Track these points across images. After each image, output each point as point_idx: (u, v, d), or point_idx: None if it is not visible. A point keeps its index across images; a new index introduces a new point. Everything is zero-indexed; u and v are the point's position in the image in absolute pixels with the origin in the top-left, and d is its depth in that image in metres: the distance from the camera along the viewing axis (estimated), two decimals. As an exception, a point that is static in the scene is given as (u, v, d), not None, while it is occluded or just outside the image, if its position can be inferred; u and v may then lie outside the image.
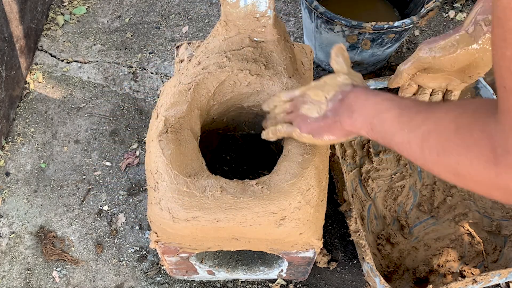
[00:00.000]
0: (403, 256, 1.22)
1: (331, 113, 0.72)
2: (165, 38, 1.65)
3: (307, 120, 0.76)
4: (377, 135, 0.65)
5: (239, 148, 1.21)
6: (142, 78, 1.57)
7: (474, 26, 0.81)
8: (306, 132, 0.76)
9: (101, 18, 1.70)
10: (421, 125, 0.55)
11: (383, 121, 0.62)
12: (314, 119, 0.75)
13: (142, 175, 1.38)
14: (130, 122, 1.48)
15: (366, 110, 0.66)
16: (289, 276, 1.16)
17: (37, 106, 1.50)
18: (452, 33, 0.84)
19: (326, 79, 0.77)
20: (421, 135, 0.55)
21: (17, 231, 1.29)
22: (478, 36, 0.81)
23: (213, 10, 1.72)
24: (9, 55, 1.41)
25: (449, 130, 0.51)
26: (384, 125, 0.62)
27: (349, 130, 0.70)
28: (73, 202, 1.34)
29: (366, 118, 0.66)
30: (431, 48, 0.85)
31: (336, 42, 1.41)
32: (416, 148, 0.56)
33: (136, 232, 1.30)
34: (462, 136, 0.49)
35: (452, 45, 0.83)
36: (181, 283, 1.23)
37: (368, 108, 0.66)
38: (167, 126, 0.87)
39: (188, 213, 0.82)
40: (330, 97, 0.73)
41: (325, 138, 0.74)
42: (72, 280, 1.23)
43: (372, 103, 0.66)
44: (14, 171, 1.38)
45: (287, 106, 0.84)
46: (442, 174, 0.54)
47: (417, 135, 0.56)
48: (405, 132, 0.58)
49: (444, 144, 0.51)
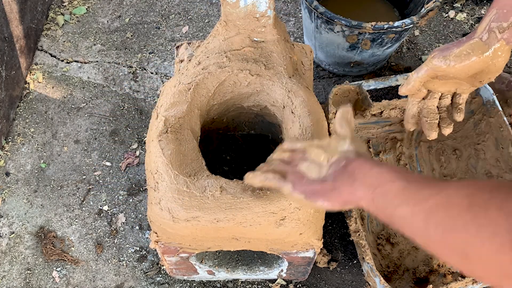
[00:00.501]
0: (403, 256, 1.22)
1: (331, 178, 0.67)
2: (165, 38, 1.65)
3: (303, 179, 0.70)
4: (377, 207, 0.59)
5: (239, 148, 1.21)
6: (142, 78, 1.57)
7: (488, 34, 0.81)
8: (299, 192, 0.70)
9: (101, 18, 1.70)
10: (428, 198, 0.50)
11: (387, 192, 0.57)
12: (311, 180, 0.70)
13: (142, 175, 1.38)
14: (130, 122, 1.48)
15: (369, 179, 0.61)
16: (289, 276, 1.16)
17: (37, 106, 1.50)
18: (465, 41, 0.83)
19: (331, 141, 0.72)
20: (428, 209, 0.49)
21: (17, 231, 1.29)
22: (492, 43, 0.81)
23: (213, 10, 1.72)
24: (9, 55, 1.41)
25: (461, 205, 0.45)
26: (387, 197, 0.57)
27: (347, 200, 0.65)
28: (73, 202, 1.34)
29: (368, 188, 0.60)
30: (445, 57, 0.84)
31: (336, 42, 1.41)
32: (420, 223, 0.50)
33: (136, 232, 1.30)
34: (475, 214, 0.43)
35: (467, 53, 0.82)
36: (181, 283, 1.23)
37: (371, 177, 0.61)
38: (167, 126, 0.87)
39: (188, 213, 0.82)
40: (333, 161, 0.69)
41: (319, 203, 0.68)
42: (72, 280, 1.23)
43: (376, 172, 0.61)
44: (14, 171, 1.38)
45: (285, 156, 0.78)
46: (446, 255, 0.48)
47: (423, 208, 0.50)
48: (409, 205, 0.53)
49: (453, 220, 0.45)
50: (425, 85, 0.93)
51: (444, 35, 1.66)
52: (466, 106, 1.28)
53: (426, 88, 0.94)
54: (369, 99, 1.29)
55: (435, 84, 0.92)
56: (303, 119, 0.89)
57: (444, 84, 0.92)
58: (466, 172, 1.29)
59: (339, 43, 1.40)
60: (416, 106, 0.97)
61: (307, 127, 0.88)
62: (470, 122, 1.29)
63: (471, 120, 1.29)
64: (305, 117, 0.89)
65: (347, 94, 1.32)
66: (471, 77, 0.87)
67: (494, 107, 1.22)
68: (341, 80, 1.57)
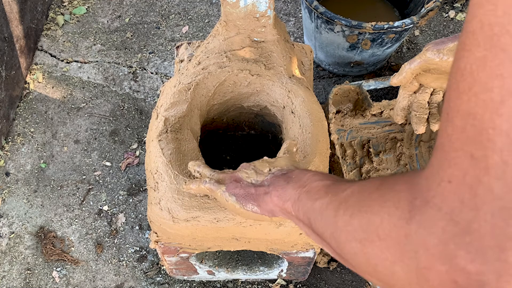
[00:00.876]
0: (403, 256, 1.21)
1: (267, 183, 0.65)
2: (165, 38, 1.65)
3: (239, 183, 0.68)
4: (299, 206, 0.55)
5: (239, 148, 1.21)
6: (142, 78, 1.57)
7: None
8: (231, 193, 0.67)
9: (101, 18, 1.70)
10: (345, 189, 0.47)
11: (311, 189, 0.54)
12: (246, 184, 0.67)
13: (142, 175, 1.38)
14: (130, 122, 1.48)
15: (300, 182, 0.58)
16: (289, 276, 1.16)
17: (37, 106, 1.50)
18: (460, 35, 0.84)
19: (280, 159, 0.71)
20: (342, 197, 0.46)
21: (17, 231, 1.29)
22: None
23: (213, 10, 1.72)
24: (9, 55, 1.41)
25: (371, 188, 0.42)
26: (310, 193, 0.54)
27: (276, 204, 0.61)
28: (73, 202, 1.34)
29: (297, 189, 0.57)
30: (439, 50, 0.85)
31: (336, 42, 1.41)
32: (331, 212, 0.46)
33: (136, 232, 1.30)
34: (382, 191, 0.39)
35: None
36: (181, 283, 1.23)
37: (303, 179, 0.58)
38: (167, 126, 0.87)
39: (188, 213, 0.82)
40: (274, 170, 0.67)
41: (249, 207, 0.65)
42: (72, 280, 1.23)
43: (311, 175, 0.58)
44: (14, 171, 1.38)
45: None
46: (347, 245, 0.43)
47: (338, 198, 0.47)
48: (327, 197, 0.49)
49: (361, 202, 0.42)
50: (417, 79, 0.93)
51: (444, 35, 1.66)
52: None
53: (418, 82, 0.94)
54: (369, 99, 1.29)
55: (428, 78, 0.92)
56: (303, 119, 0.89)
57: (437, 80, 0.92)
58: (466, 172, 1.29)
59: (339, 43, 1.40)
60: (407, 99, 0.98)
61: (307, 127, 0.88)
62: (470, 122, 1.29)
63: (471, 120, 1.28)
64: (305, 117, 0.89)
65: (347, 94, 1.32)
66: None
67: (494, 107, 1.21)
68: (341, 80, 1.57)
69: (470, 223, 0.30)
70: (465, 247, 0.31)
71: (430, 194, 0.33)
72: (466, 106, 0.30)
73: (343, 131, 1.34)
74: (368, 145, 1.33)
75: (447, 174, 0.32)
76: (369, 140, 1.34)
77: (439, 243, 0.32)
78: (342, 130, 1.34)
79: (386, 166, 1.32)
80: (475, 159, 0.30)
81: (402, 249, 0.35)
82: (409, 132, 1.34)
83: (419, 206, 0.34)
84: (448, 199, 0.32)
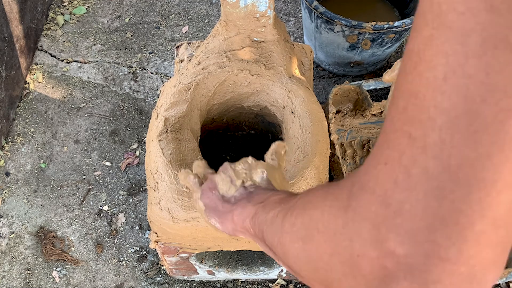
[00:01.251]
0: (403, 256, 1.21)
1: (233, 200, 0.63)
2: (165, 38, 1.65)
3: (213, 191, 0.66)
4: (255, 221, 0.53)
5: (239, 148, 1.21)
6: (142, 78, 1.57)
7: None
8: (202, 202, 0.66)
9: (101, 18, 1.70)
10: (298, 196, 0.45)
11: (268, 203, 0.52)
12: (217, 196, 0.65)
13: (142, 175, 1.38)
14: (130, 122, 1.48)
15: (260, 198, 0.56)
16: (289, 276, 1.16)
17: (37, 106, 1.50)
18: None
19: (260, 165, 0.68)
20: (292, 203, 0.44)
21: (17, 231, 1.29)
22: None
23: (213, 10, 1.72)
24: (9, 55, 1.41)
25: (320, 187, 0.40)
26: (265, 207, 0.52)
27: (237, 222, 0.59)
28: (73, 202, 1.34)
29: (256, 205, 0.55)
30: None
31: (336, 42, 1.41)
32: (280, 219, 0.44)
33: (136, 232, 1.30)
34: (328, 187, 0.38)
35: None
36: (181, 283, 1.23)
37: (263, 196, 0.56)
38: (167, 126, 0.87)
39: (188, 214, 0.82)
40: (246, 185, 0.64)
41: (212, 221, 0.64)
42: (72, 280, 1.23)
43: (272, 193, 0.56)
44: (14, 171, 1.38)
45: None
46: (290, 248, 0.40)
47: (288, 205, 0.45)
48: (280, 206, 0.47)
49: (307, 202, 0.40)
50: None
51: (444, 35, 1.66)
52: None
53: None
54: (369, 99, 1.29)
55: None
56: (303, 119, 0.89)
57: None
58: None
59: (339, 43, 1.40)
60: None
61: (307, 127, 0.88)
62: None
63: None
64: (305, 117, 0.89)
65: (347, 94, 1.32)
66: None
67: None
68: (341, 80, 1.57)
69: (402, 204, 0.29)
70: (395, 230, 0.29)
71: (366, 178, 0.32)
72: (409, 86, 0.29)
73: (343, 131, 1.34)
74: (368, 145, 1.33)
75: (384, 156, 0.30)
76: (369, 140, 1.34)
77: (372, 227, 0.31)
78: (342, 130, 1.34)
79: (386, 166, 1.32)
80: (413, 139, 0.28)
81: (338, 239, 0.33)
82: (409, 132, 1.34)
83: (356, 192, 0.32)
84: (381, 181, 0.30)
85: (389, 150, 0.30)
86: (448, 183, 0.27)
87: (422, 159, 0.28)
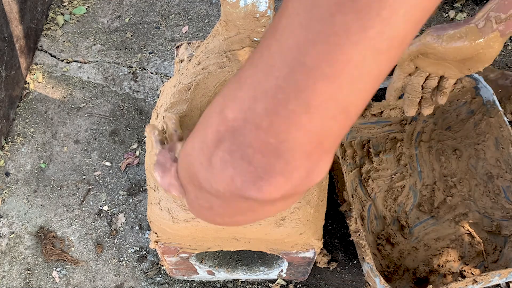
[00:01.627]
0: (403, 256, 1.22)
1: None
2: (165, 38, 1.65)
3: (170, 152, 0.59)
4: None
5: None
6: (142, 78, 1.57)
7: (485, 22, 0.82)
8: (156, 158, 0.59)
9: (101, 18, 1.70)
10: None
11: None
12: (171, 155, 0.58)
13: (142, 175, 1.38)
14: (130, 122, 1.48)
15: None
16: (289, 276, 1.16)
17: (37, 106, 1.50)
18: (462, 24, 0.85)
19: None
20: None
21: (17, 231, 1.29)
22: (486, 32, 0.82)
23: (213, 10, 1.72)
24: (9, 55, 1.41)
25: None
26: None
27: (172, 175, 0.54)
28: (73, 202, 1.34)
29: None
30: (439, 36, 0.85)
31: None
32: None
33: (136, 232, 1.30)
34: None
35: (461, 37, 0.83)
36: (181, 283, 1.23)
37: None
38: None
39: (188, 214, 0.82)
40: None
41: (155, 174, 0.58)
42: (72, 280, 1.23)
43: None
44: (14, 171, 1.38)
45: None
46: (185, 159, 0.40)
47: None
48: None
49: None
50: (414, 62, 0.93)
51: (444, 35, 1.66)
52: (466, 106, 1.28)
53: (414, 64, 0.94)
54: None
55: (424, 62, 0.92)
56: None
57: (433, 65, 0.92)
58: (466, 172, 1.29)
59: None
60: (401, 81, 0.98)
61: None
62: (470, 122, 1.29)
63: (471, 120, 1.29)
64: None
65: (347, 94, 1.32)
66: (460, 62, 0.88)
67: (494, 107, 1.22)
68: (341, 80, 1.56)
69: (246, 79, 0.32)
70: (233, 99, 0.32)
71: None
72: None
73: (343, 131, 1.33)
74: (368, 145, 1.33)
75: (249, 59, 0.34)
76: (369, 140, 1.34)
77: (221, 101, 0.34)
78: (342, 130, 1.33)
79: (386, 166, 1.32)
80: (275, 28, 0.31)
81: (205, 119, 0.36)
82: (409, 132, 1.34)
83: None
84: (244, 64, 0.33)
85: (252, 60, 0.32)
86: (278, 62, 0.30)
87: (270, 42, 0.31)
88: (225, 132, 0.32)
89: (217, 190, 0.35)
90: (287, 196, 0.34)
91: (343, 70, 0.28)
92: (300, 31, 0.28)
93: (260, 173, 0.32)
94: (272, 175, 0.32)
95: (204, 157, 0.35)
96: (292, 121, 0.30)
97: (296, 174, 0.32)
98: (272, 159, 0.31)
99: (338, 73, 0.28)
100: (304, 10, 0.28)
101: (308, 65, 0.28)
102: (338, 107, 0.30)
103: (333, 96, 0.29)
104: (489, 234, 1.24)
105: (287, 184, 0.32)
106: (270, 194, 0.33)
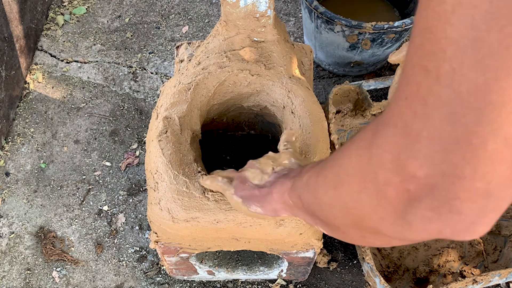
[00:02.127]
0: (403, 256, 1.22)
1: (269, 184, 0.65)
2: (165, 38, 1.65)
3: (246, 184, 0.69)
4: (293, 191, 0.55)
5: (239, 148, 1.21)
6: (142, 78, 1.57)
7: None
8: (238, 196, 0.69)
9: (101, 18, 1.70)
10: (331, 153, 0.49)
11: (303, 172, 0.54)
12: (252, 186, 0.68)
13: (142, 175, 1.38)
14: (130, 122, 1.48)
15: (295, 173, 0.59)
16: (289, 276, 1.16)
17: (37, 106, 1.50)
18: None
19: (283, 154, 0.71)
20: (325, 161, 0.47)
21: (17, 231, 1.29)
22: None
23: (213, 10, 1.72)
24: (9, 55, 1.41)
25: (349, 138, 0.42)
26: (301, 175, 0.54)
27: (276, 201, 0.61)
28: (73, 202, 1.34)
29: (292, 178, 0.58)
30: None
31: (336, 42, 1.41)
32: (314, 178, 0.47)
33: (136, 232, 1.30)
34: (355, 134, 0.40)
35: None
36: (181, 283, 1.23)
37: (297, 171, 0.59)
38: (167, 126, 0.87)
39: (188, 214, 0.82)
40: (277, 170, 0.67)
41: (252, 208, 0.66)
42: (72, 280, 1.23)
43: (305, 166, 0.58)
44: (14, 171, 1.38)
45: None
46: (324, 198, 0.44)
47: (321, 164, 0.47)
48: (313, 169, 0.50)
49: (336, 153, 0.43)
50: None
51: (444, 35, 1.66)
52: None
53: None
54: (369, 99, 1.29)
55: None
56: (303, 119, 0.89)
57: None
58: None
59: (339, 43, 1.40)
60: None
61: (307, 127, 0.88)
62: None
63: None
64: (305, 117, 0.89)
65: (347, 94, 1.32)
66: None
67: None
68: (341, 80, 1.57)
69: (420, 132, 0.31)
70: (414, 155, 0.32)
71: (389, 115, 0.34)
72: (424, 22, 0.30)
73: (343, 131, 1.34)
74: (368, 145, 1.33)
75: (405, 92, 0.32)
76: (369, 140, 1.34)
77: (393, 157, 0.33)
78: (342, 130, 1.34)
79: (386, 166, 1.32)
80: (428, 71, 0.30)
81: (364, 175, 0.36)
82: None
83: (380, 129, 0.34)
84: (402, 114, 0.32)
85: (409, 86, 0.32)
86: (460, 108, 0.29)
87: (436, 88, 0.30)
88: (419, 191, 0.32)
89: (410, 240, 0.37)
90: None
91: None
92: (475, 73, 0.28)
93: (473, 218, 0.32)
94: (485, 215, 0.32)
95: (386, 212, 0.35)
96: (495, 159, 0.30)
97: (504, 205, 0.33)
98: (483, 201, 0.31)
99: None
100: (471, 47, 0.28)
101: (496, 103, 0.28)
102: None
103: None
104: (489, 234, 1.24)
105: (498, 215, 0.33)
106: (483, 232, 0.34)
